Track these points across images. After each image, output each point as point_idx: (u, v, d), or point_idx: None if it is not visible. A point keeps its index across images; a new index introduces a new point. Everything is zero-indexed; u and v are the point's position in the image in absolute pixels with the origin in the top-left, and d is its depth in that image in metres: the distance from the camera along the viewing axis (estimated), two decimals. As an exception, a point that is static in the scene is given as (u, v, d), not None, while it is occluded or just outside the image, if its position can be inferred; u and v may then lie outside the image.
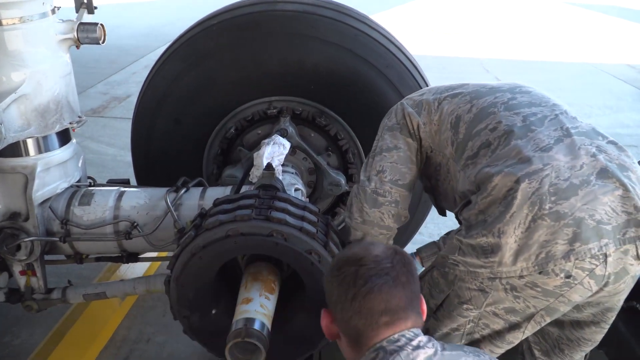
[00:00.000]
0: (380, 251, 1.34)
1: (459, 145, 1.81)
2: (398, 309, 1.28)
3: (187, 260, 1.77)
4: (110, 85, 7.50)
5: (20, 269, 2.27)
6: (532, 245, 1.53)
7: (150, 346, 2.80)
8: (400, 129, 1.97)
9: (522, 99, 1.79)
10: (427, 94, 2.00)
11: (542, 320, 1.68)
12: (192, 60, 2.56)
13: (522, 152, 1.60)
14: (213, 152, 2.75)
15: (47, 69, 2.13)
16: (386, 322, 1.28)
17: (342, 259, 1.37)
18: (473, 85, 1.94)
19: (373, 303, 1.27)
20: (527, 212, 1.52)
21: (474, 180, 1.67)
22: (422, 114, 1.94)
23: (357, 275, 1.29)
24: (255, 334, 1.61)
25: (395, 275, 1.29)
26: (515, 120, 1.70)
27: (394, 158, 1.95)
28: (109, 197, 2.29)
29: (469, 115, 1.81)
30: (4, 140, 1.98)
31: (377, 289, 1.27)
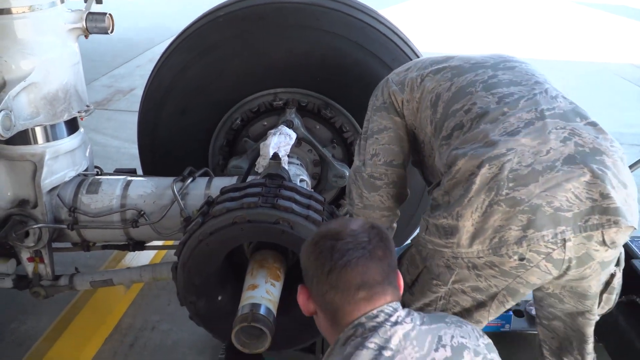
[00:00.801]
0: (357, 226, 1.33)
1: (436, 124, 1.80)
2: (375, 283, 1.27)
3: (194, 247, 1.79)
4: (114, 79, 7.52)
5: (28, 255, 2.30)
6: (487, 230, 1.53)
7: (155, 334, 2.83)
8: (387, 108, 1.97)
9: (503, 77, 1.76)
10: (412, 69, 1.99)
11: (504, 301, 1.70)
12: (199, 52, 2.58)
13: (489, 136, 1.58)
14: (219, 143, 2.77)
15: (56, 58, 2.15)
16: (364, 297, 1.27)
17: (319, 234, 1.35)
18: (458, 59, 1.91)
19: (350, 276, 1.26)
20: (484, 197, 1.52)
21: (445, 162, 1.68)
22: (405, 91, 1.93)
23: (334, 249, 1.27)
24: (261, 319, 1.63)
25: (371, 249, 1.28)
26: (489, 102, 1.67)
27: (385, 139, 1.97)
28: (116, 186, 2.32)
29: (447, 94, 1.79)
30: (13, 128, 2.00)
31: (354, 263, 1.26)
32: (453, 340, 1.26)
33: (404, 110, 1.94)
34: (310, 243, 1.34)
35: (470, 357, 1.25)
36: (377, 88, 2.07)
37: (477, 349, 1.28)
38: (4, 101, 1.93)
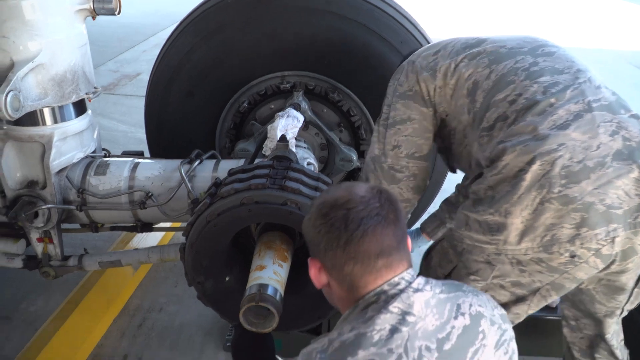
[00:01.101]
0: (365, 191, 1.27)
1: (475, 114, 1.74)
2: (392, 249, 1.24)
3: (202, 227, 1.80)
4: (120, 63, 7.52)
5: (38, 236, 2.32)
6: (537, 227, 1.51)
7: (162, 315, 2.86)
8: (414, 97, 1.88)
9: (544, 64, 1.68)
10: (442, 53, 1.87)
11: (547, 295, 1.68)
12: (206, 34, 2.57)
13: (538, 129, 1.53)
14: (226, 126, 2.77)
15: (64, 39, 2.15)
16: (384, 265, 1.23)
17: (325, 204, 1.27)
18: (492, 44, 1.81)
19: (368, 246, 1.21)
20: (535, 194, 1.49)
21: (489, 155, 1.63)
22: (437, 77, 1.83)
23: (347, 219, 1.22)
24: (268, 299, 1.64)
25: (385, 214, 1.23)
26: (535, 92, 1.61)
27: (409, 131, 1.90)
28: (124, 168, 2.32)
29: (487, 83, 1.72)
30: (22, 109, 2.01)
31: (371, 231, 1.21)
32: (471, 309, 1.26)
33: (436, 97, 1.86)
34: (317, 215, 1.27)
35: (486, 325, 1.25)
36: (400, 71, 1.96)
37: (492, 318, 1.28)
38: (12, 82, 1.94)
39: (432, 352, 1.16)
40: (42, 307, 2.86)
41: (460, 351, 1.20)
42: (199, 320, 2.83)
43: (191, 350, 2.65)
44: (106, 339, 2.71)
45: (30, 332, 2.60)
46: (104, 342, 2.69)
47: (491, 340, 1.25)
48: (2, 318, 2.78)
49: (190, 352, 2.64)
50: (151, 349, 2.65)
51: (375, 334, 1.16)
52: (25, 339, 2.53)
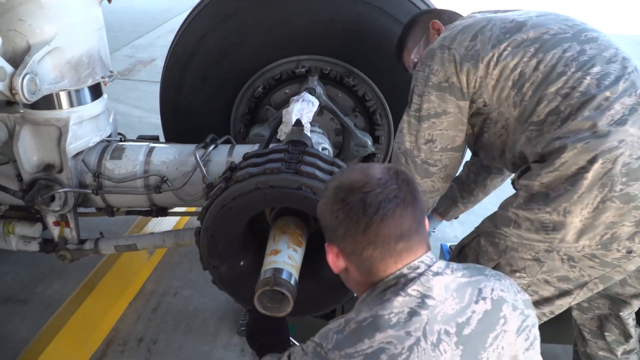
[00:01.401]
0: (381, 173, 1.23)
1: (524, 108, 1.67)
2: (411, 231, 1.22)
3: (217, 211, 1.80)
4: (135, 49, 7.54)
5: (54, 219, 2.33)
6: (597, 226, 1.51)
7: (177, 299, 2.89)
8: (450, 89, 1.77)
9: (591, 52, 1.62)
10: (480, 39, 1.73)
11: (594, 288, 1.68)
12: (221, 18, 2.56)
13: (597, 125, 1.50)
14: (240, 111, 2.76)
15: (80, 22, 2.14)
16: (404, 248, 1.22)
17: (341, 188, 1.24)
18: (534, 29, 1.70)
19: (388, 230, 1.19)
20: (597, 193, 1.48)
21: (540, 151, 1.59)
22: (479, 67, 1.71)
23: (365, 203, 1.19)
24: (283, 283, 1.64)
25: (403, 196, 1.21)
26: (589, 85, 1.56)
27: (444, 125, 1.82)
28: (139, 152, 2.33)
29: (535, 74, 1.64)
30: (38, 92, 2.02)
31: (390, 214, 1.18)
32: (493, 294, 1.24)
33: (481, 87, 1.74)
34: (333, 200, 1.24)
35: (508, 310, 1.23)
36: (433, 58, 1.80)
37: (515, 303, 1.26)
38: (28, 65, 1.94)
39: (451, 337, 1.15)
40: (58, 291, 2.89)
41: (480, 336, 1.18)
42: (213, 304, 2.84)
43: (205, 334, 2.67)
44: (121, 322, 2.74)
45: (46, 315, 2.64)
46: (120, 325, 2.72)
47: (512, 325, 1.23)
48: (19, 301, 2.82)
49: (205, 335, 2.66)
50: (166, 333, 2.67)
51: (393, 317, 1.16)
52: (41, 322, 2.56)
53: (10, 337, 2.59)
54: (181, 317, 2.76)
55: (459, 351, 1.15)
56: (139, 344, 2.61)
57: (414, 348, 1.12)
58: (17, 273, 3.02)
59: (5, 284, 2.93)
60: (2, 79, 1.89)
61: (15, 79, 1.91)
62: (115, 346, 2.60)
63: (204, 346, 2.60)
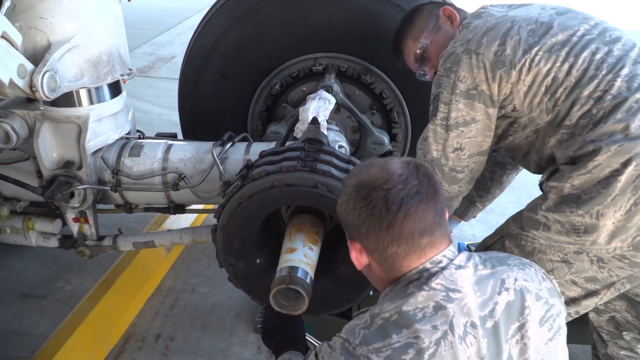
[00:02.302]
0: (401, 168, 1.23)
1: (558, 112, 1.66)
2: (434, 225, 1.22)
3: (233, 209, 1.80)
4: (155, 46, 7.60)
5: (74, 216, 2.36)
6: (630, 228, 1.52)
7: (194, 296, 2.90)
8: (479, 97, 1.73)
9: (618, 53, 1.62)
10: (509, 43, 1.69)
11: (621, 288, 1.68)
12: (240, 15, 2.56)
13: (630, 128, 1.51)
14: (258, 109, 2.77)
15: (99, 20, 2.16)
16: (427, 243, 1.22)
17: (363, 185, 1.24)
18: (561, 31, 1.68)
19: (412, 226, 1.20)
20: (630, 195, 1.50)
21: (572, 154, 1.60)
22: (511, 74, 1.68)
23: (388, 200, 1.19)
24: (299, 281, 1.63)
25: (425, 191, 1.21)
26: (620, 88, 1.57)
27: (472, 132, 1.80)
28: (157, 150, 2.34)
29: (569, 79, 1.63)
30: (58, 89, 2.03)
31: (414, 210, 1.19)
32: (516, 284, 1.24)
33: (509, 92, 1.72)
34: (355, 197, 1.25)
35: (532, 300, 1.23)
36: (459, 64, 1.75)
37: (539, 292, 1.26)
38: (49, 62, 1.96)
39: (477, 329, 1.16)
40: (77, 287, 2.92)
41: (504, 327, 1.18)
42: (229, 301, 2.85)
43: (222, 331, 2.68)
44: (139, 318, 2.76)
45: (65, 310, 2.67)
46: (137, 321, 2.74)
47: (536, 315, 1.23)
48: (38, 297, 2.86)
49: (221, 332, 2.67)
50: (183, 329, 2.69)
51: (418, 312, 1.16)
52: (60, 317, 2.59)
53: (29, 332, 2.62)
54: (198, 314, 2.78)
55: (484, 343, 1.15)
56: (156, 340, 2.63)
57: (441, 342, 1.13)
58: (36, 269, 3.06)
59: (24, 280, 2.97)
60: (23, 76, 1.91)
61: (35, 77, 1.93)
62: (133, 342, 2.62)
63: (220, 343, 2.61)
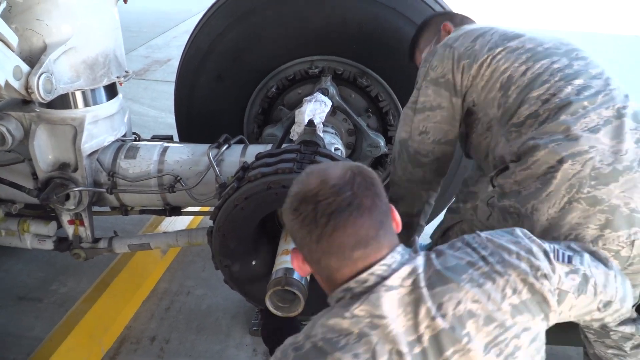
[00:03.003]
0: (337, 178, 1.16)
1: (506, 110, 1.75)
2: (369, 238, 1.15)
3: (229, 211, 1.80)
4: (151, 49, 7.59)
5: (69, 218, 2.36)
6: (563, 226, 1.53)
7: (190, 298, 2.89)
8: (445, 84, 1.87)
9: (578, 67, 1.71)
10: (480, 41, 1.84)
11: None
12: (236, 17, 2.57)
13: (571, 129, 1.56)
14: (254, 111, 2.77)
15: (96, 22, 2.16)
16: (360, 256, 1.16)
17: (297, 196, 1.19)
18: (530, 41, 1.80)
19: (341, 239, 1.13)
20: (564, 193, 1.52)
21: (516, 151, 1.65)
22: (472, 66, 1.81)
23: (317, 213, 1.13)
24: (294, 283, 1.64)
25: (359, 203, 1.14)
26: (569, 94, 1.63)
27: (437, 118, 1.92)
28: (153, 152, 2.34)
29: (522, 80, 1.72)
30: (54, 91, 2.03)
31: (342, 225, 1.12)
32: (457, 308, 1.14)
33: (470, 85, 1.84)
34: (289, 208, 1.20)
35: (475, 326, 1.13)
36: (435, 55, 1.92)
37: (492, 314, 1.14)
38: (44, 64, 1.96)
39: (403, 356, 1.10)
40: (72, 289, 2.91)
41: (433, 354, 1.12)
42: (225, 303, 2.85)
43: (218, 333, 2.67)
44: (135, 321, 2.75)
45: (60, 313, 2.65)
46: (133, 324, 2.73)
47: (479, 343, 1.13)
48: (33, 299, 2.84)
49: (217, 335, 2.66)
50: (179, 332, 2.68)
51: (342, 339, 1.12)
52: (55, 320, 2.58)
53: (24, 334, 2.60)
54: (194, 316, 2.77)
55: None
56: (151, 342, 2.62)
57: None
58: (31, 271, 3.04)
59: (20, 282, 2.96)
60: (18, 78, 1.91)
61: (31, 78, 1.93)
62: (128, 344, 2.61)
63: (216, 345, 2.60)
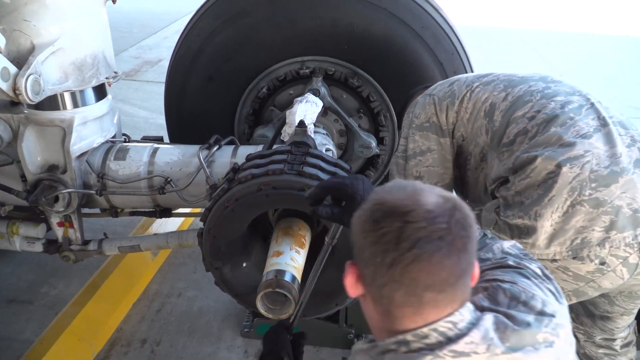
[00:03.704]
0: (433, 203, 0.98)
1: (495, 133, 1.80)
2: (447, 284, 0.96)
3: (219, 213, 1.79)
4: (142, 50, 7.57)
5: (58, 220, 2.34)
6: (568, 230, 1.53)
7: (181, 300, 2.88)
8: (431, 127, 1.94)
9: (556, 88, 1.78)
10: (457, 84, 1.96)
11: (567, 299, 1.66)
12: (227, 18, 2.56)
13: (563, 138, 1.59)
14: (245, 112, 2.76)
15: (84, 23, 2.15)
16: (430, 300, 0.97)
17: (382, 208, 1.00)
18: (502, 75, 1.92)
19: (418, 274, 0.95)
20: (567, 196, 1.52)
21: (511, 166, 1.67)
22: (455, 102, 1.90)
23: (402, 234, 0.95)
24: (285, 285, 1.63)
25: (451, 240, 0.95)
26: (554, 108, 1.68)
27: (429, 162, 1.95)
28: (143, 153, 2.32)
29: (504, 104, 1.79)
30: (42, 92, 2.02)
31: (427, 258, 0.94)
32: None
33: (456, 121, 1.91)
34: (368, 217, 1.01)
35: None
36: (415, 105, 2.02)
37: None
38: (32, 65, 1.95)
39: None
40: (62, 292, 2.89)
41: None
42: (216, 305, 2.84)
43: (209, 335, 2.66)
44: (125, 323, 2.73)
45: (50, 315, 2.64)
46: (123, 326, 2.72)
47: None
48: (23, 302, 2.82)
49: (208, 337, 2.65)
50: (169, 334, 2.67)
51: None
52: (45, 322, 2.56)
53: (14, 337, 2.58)
54: (185, 319, 2.76)
55: None
56: (142, 345, 2.61)
57: None
58: (21, 274, 3.02)
59: (9, 285, 2.94)
60: (6, 79, 1.89)
61: (19, 80, 1.91)
62: (119, 347, 2.60)
63: (207, 347, 2.59)
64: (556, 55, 7.98)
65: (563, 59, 7.81)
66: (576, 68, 7.30)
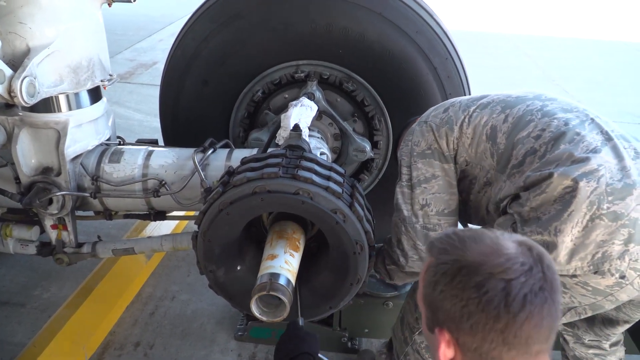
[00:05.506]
0: (521, 253, 0.99)
1: (501, 156, 1.78)
2: (552, 330, 0.98)
3: (214, 216, 1.79)
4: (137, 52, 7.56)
5: (52, 222, 2.33)
6: (588, 245, 1.52)
7: (175, 303, 2.88)
8: (433, 154, 1.92)
9: (553, 106, 1.78)
10: (452, 109, 1.93)
11: (583, 312, 1.70)
12: (222, 21, 2.56)
13: (574, 155, 1.59)
14: (240, 115, 2.76)
15: (80, 26, 2.15)
16: (540, 352, 0.98)
17: (472, 268, 0.99)
18: (496, 96, 1.90)
19: (531, 332, 0.95)
20: (586, 211, 1.51)
21: (522, 185, 1.65)
22: (454, 129, 1.88)
23: (509, 295, 0.94)
24: (280, 288, 1.63)
25: (549, 288, 0.97)
26: (558, 126, 1.68)
27: (435, 188, 1.92)
28: (138, 156, 2.33)
29: (505, 125, 1.78)
30: (37, 95, 2.02)
31: (537, 312, 0.94)
32: None
33: (459, 147, 1.90)
34: (460, 282, 0.99)
35: None
36: (413, 133, 1.99)
37: None
38: (27, 68, 1.94)
39: None
40: (55, 294, 2.89)
41: None
42: (210, 309, 2.84)
43: (202, 338, 2.66)
44: (118, 326, 2.73)
45: (43, 318, 2.63)
46: (117, 329, 2.71)
47: None
48: (16, 304, 2.81)
49: (202, 340, 2.65)
50: (163, 337, 2.66)
51: None
52: (38, 325, 2.56)
53: (7, 340, 2.58)
54: (178, 322, 2.76)
55: None
56: (135, 348, 2.60)
57: None
58: (14, 276, 3.01)
59: (2, 287, 2.93)
60: (1, 81, 1.89)
61: (14, 82, 1.91)
62: (112, 350, 2.59)
63: (201, 351, 2.59)
64: (548, 60, 8.04)
65: (554, 64, 7.86)
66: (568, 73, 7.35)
